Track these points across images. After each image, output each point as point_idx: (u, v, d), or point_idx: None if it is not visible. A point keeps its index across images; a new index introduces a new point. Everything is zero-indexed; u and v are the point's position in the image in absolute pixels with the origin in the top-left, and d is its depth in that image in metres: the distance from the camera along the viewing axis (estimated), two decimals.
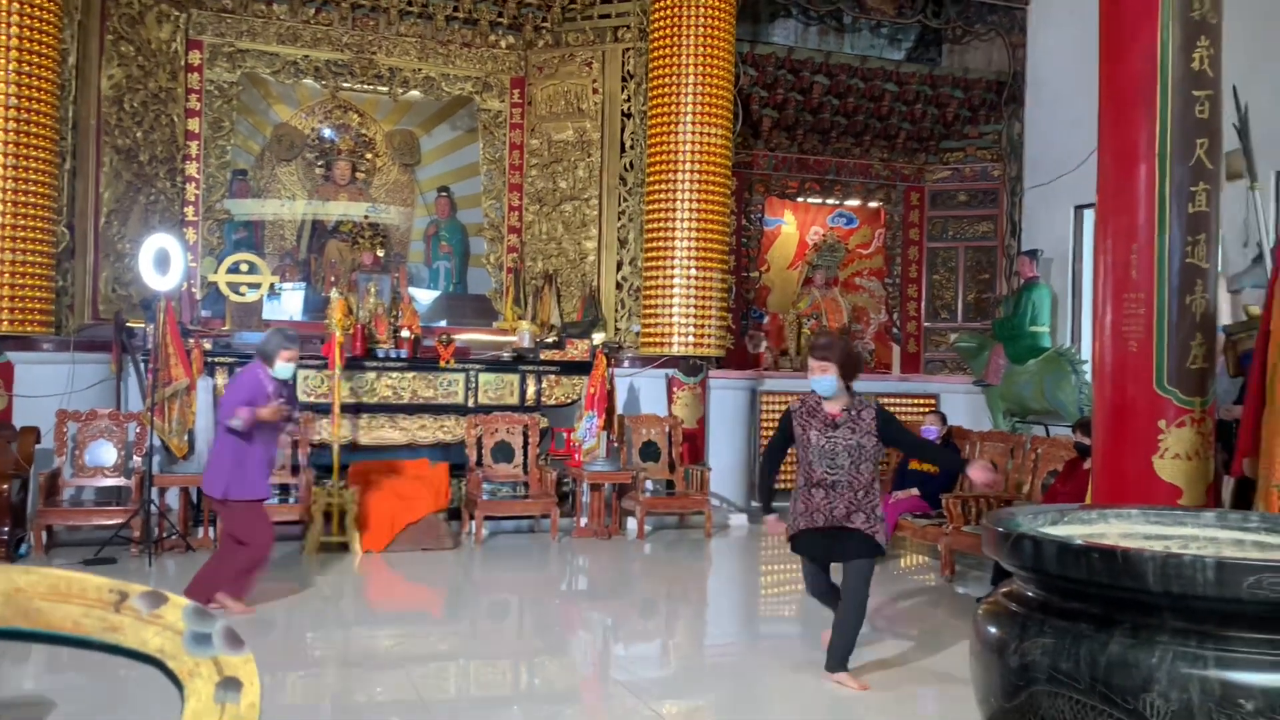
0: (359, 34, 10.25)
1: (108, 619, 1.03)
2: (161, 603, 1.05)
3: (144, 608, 1.04)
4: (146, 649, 1.04)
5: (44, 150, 7.97)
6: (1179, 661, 2.03)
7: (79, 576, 1.05)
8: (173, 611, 1.05)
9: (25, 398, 7.91)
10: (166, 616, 1.05)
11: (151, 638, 1.03)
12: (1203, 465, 4.54)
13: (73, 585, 1.04)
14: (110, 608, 1.03)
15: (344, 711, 4.49)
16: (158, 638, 1.04)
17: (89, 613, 1.03)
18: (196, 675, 1.04)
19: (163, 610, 1.05)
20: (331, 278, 10.26)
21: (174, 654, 1.04)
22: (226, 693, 1.05)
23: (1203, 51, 4.50)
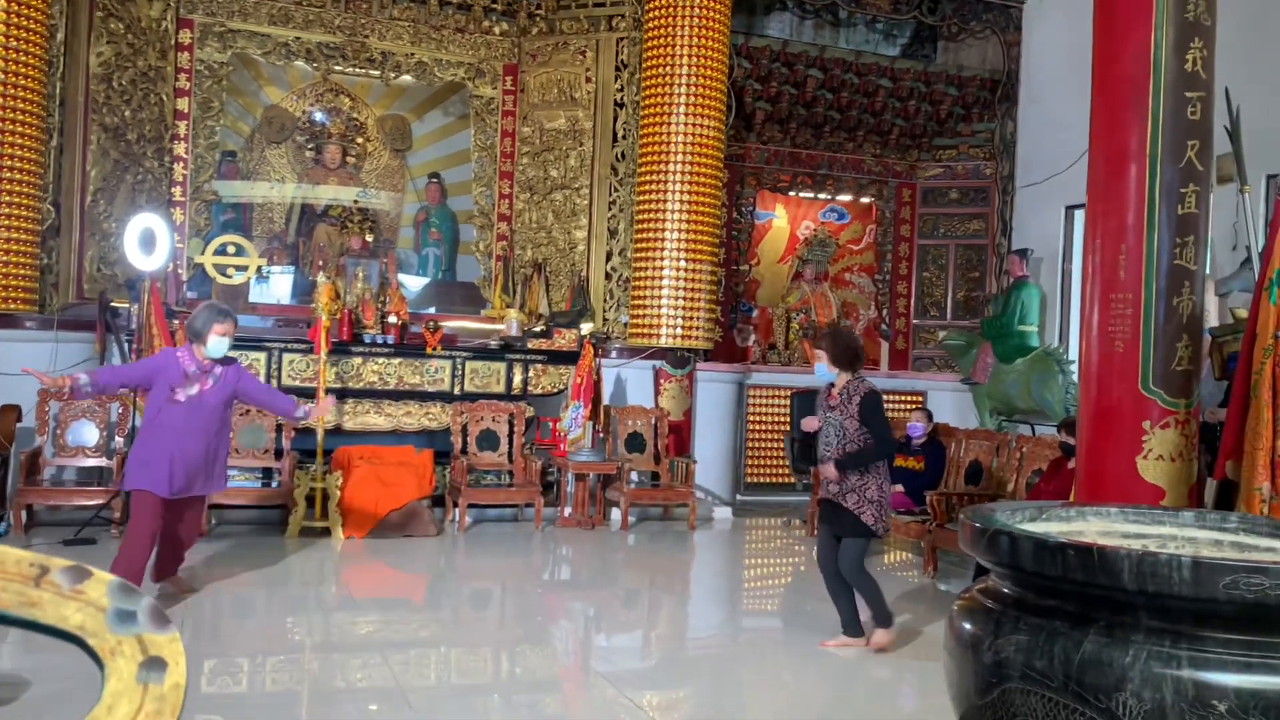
0: (351, 17, 10.19)
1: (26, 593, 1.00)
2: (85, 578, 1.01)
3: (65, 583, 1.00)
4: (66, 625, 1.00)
5: (30, 127, 7.90)
6: (1152, 661, 2.02)
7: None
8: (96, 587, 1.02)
9: (7, 376, 7.84)
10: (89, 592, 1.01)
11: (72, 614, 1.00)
12: (1186, 467, 4.54)
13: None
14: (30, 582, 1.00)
15: (323, 697, 4.47)
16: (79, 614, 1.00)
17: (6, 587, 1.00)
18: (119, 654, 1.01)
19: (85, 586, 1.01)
20: (320, 262, 10.20)
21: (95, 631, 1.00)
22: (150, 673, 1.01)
23: (1196, 53, 4.50)
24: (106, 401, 7.83)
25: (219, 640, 5.36)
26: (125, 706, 1.01)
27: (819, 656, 5.21)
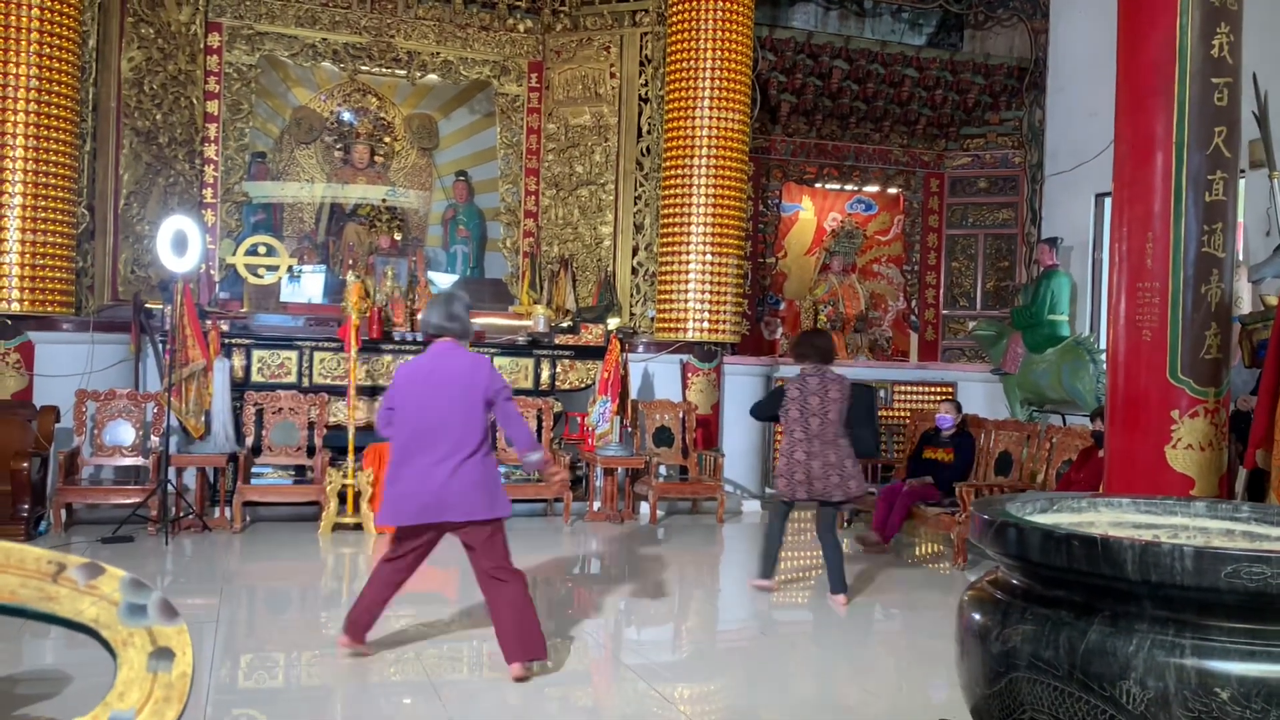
0: (377, 17, 10.26)
1: (45, 589, 1.06)
2: (98, 574, 1.08)
3: (81, 579, 1.06)
4: (82, 619, 1.07)
5: (64, 132, 8.03)
6: (1156, 649, 2.03)
7: (18, 547, 1.08)
8: (109, 583, 1.08)
9: (45, 377, 8.00)
10: (102, 588, 1.07)
11: (87, 608, 1.06)
12: (1215, 456, 4.51)
13: (11, 555, 1.07)
14: (48, 578, 1.06)
15: (357, 692, 4.53)
16: (93, 608, 1.07)
17: (26, 583, 1.06)
18: (130, 645, 1.07)
19: (99, 581, 1.07)
20: (349, 261, 10.31)
21: (109, 624, 1.06)
22: (159, 662, 1.08)
23: (1222, 38, 4.45)
24: (143, 401, 7.95)
25: (254, 636, 5.44)
26: (136, 693, 1.07)
27: (850, 650, 5.22)
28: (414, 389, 4.52)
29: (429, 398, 4.47)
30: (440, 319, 4.62)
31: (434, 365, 4.57)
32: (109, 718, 1.07)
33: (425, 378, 4.54)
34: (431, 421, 4.44)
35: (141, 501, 7.38)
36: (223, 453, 7.91)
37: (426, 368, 4.58)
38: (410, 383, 4.56)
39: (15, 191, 7.75)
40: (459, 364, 4.56)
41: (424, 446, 4.43)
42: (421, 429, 4.45)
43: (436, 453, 4.41)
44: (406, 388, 4.55)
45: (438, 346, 4.64)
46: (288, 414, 8.18)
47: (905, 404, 11.15)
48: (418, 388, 4.52)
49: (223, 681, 4.49)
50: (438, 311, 4.65)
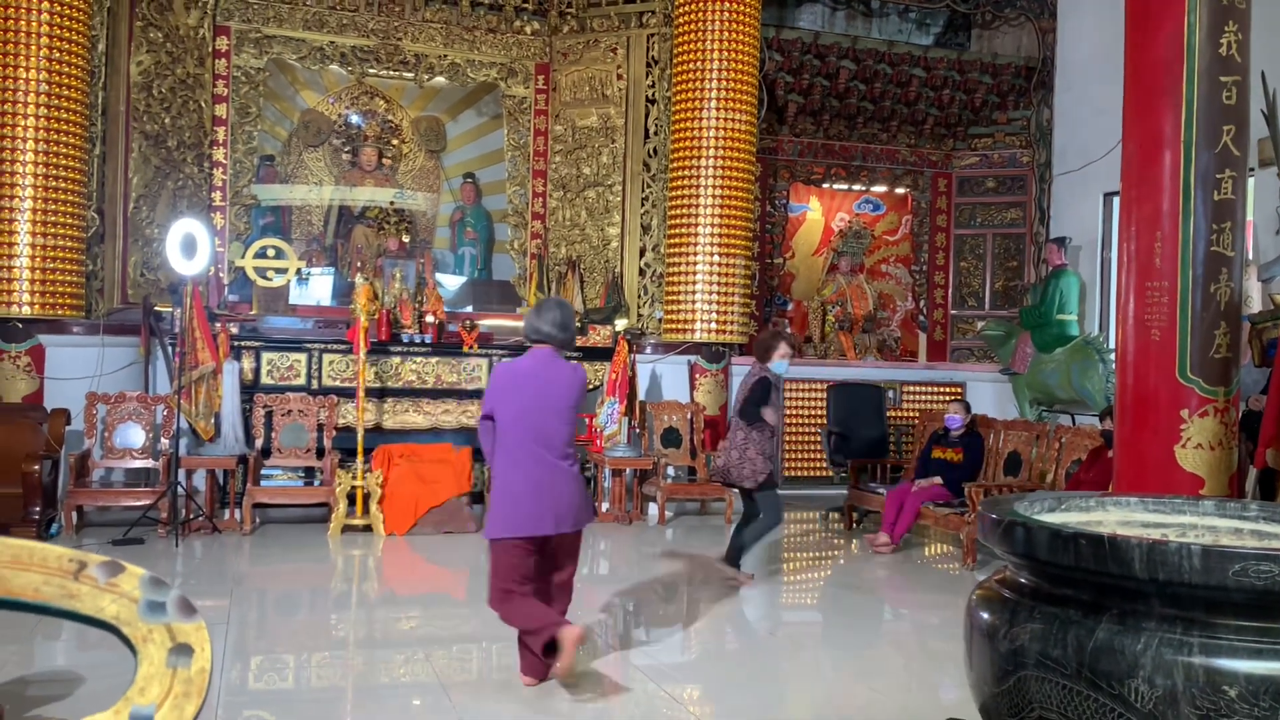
0: (385, 20, 10.29)
1: (67, 586, 1.08)
2: (118, 572, 1.10)
3: (101, 576, 1.09)
4: (102, 615, 1.09)
5: (74, 136, 8.07)
6: (1164, 648, 2.03)
7: (40, 546, 1.10)
8: (129, 580, 1.10)
9: (56, 380, 8.04)
10: (122, 585, 1.09)
11: (108, 605, 1.08)
12: (1226, 455, 4.49)
13: (34, 554, 1.09)
14: (69, 576, 1.08)
15: (366, 693, 4.54)
16: (114, 605, 1.09)
17: (49, 580, 1.08)
18: (149, 641, 1.09)
19: (119, 579, 1.09)
20: (358, 263, 10.33)
21: (129, 620, 1.08)
22: (178, 658, 1.10)
23: (1230, 36, 4.44)
24: (153, 404, 7.98)
25: (265, 637, 5.46)
26: (156, 688, 1.09)
27: (859, 651, 5.21)
28: (518, 395, 4.39)
29: (536, 404, 4.38)
30: (552, 327, 4.50)
31: (538, 371, 4.45)
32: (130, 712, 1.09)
33: (531, 384, 4.41)
34: (539, 429, 4.36)
35: (152, 504, 7.41)
36: (232, 455, 7.93)
37: (530, 373, 4.45)
38: (514, 388, 4.41)
39: (26, 195, 7.79)
40: (563, 373, 4.49)
41: (532, 455, 4.34)
42: (528, 436, 4.35)
43: (546, 461, 4.35)
44: (508, 394, 4.40)
45: (539, 353, 4.52)
46: (297, 416, 8.21)
47: (914, 404, 11.15)
48: (522, 394, 4.39)
49: (233, 683, 4.51)
50: (550, 318, 4.52)
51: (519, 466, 4.34)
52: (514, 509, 4.32)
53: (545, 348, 4.52)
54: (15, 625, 5.01)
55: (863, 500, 8.53)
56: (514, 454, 4.35)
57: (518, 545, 4.35)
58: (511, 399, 4.38)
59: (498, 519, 4.35)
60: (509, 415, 4.37)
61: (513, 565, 4.36)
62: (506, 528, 4.33)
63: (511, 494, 4.33)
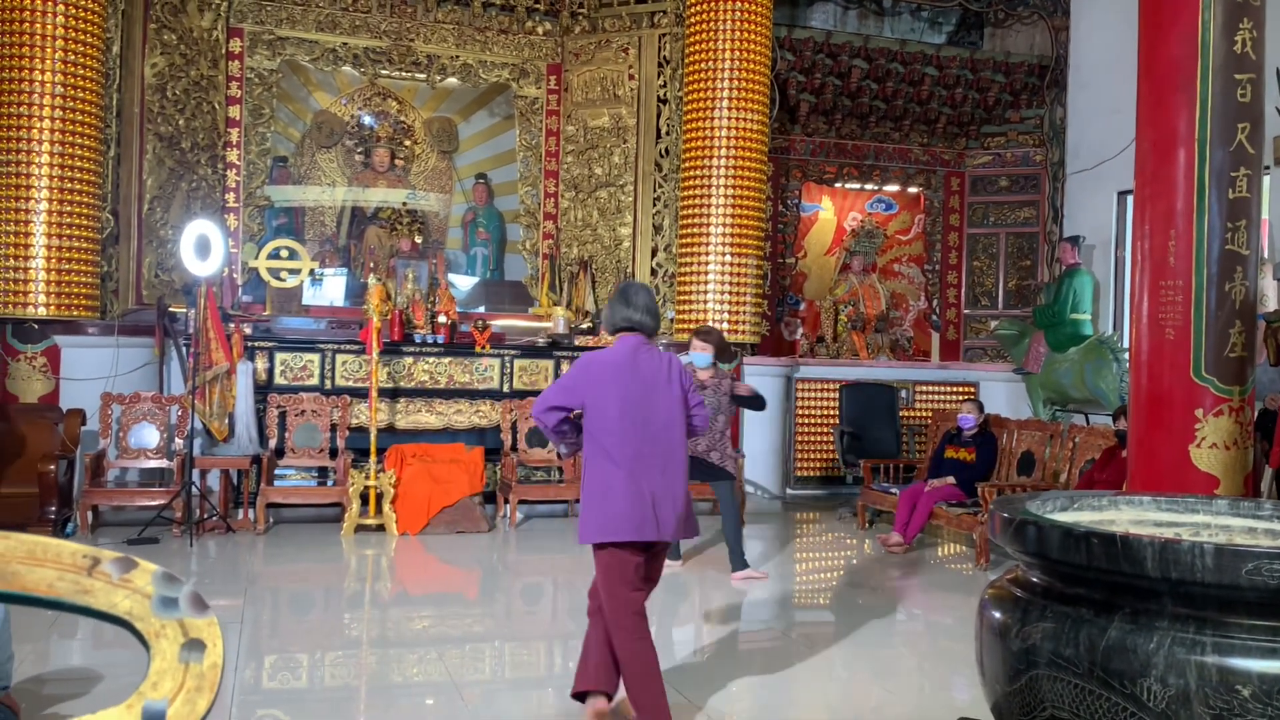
0: (397, 21, 10.32)
1: (80, 582, 1.10)
2: (131, 568, 1.11)
3: (115, 572, 1.10)
4: (116, 611, 1.11)
5: (89, 138, 8.11)
6: (1177, 647, 2.02)
7: (54, 542, 1.12)
8: (142, 576, 1.11)
9: (71, 380, 8.09)
10: (136, 581, 1.11)
11: (121, 600, 1.10)
12: (1241, 455, 4.47)
13: (48, 550, 1.11)
14: (83, 572, 1.10)
15: (379, 692, 4.56)
16: (127, 600, 1.11)
17: (63, 576, 1.10)
18: (162, 636, 1.11)
19: (132, 575, 1.11)
20: (370, 264, 10.37)
21: (142, 616, 1.10)
22: (190, 653, 1.11)
23: (1245, 34, 4.41)
24: (167, 404, 8.02)
25: (278, 636, 5.48)
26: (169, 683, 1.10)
27: (871, 651, 5.20)
28: (615, 388, 3.93)
29: (638, 397, 3.94)
30: (645, 313, 4.09)
31: (636, 362, 3.99)
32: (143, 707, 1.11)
33: (629, 375, 3.96)
34: (642, 425, 3.93)
35: (166, 503, 7.44)
36: (246, 455, 7.97)
37: (627, 364, 3.97)
38: (611, 382, 3.94)
39: (41, 197, 7.84)
40: (659, 362, 4.06)
41: (637, 454, 3.91)
42: (631, 433, 3.91)
43: (652, 461, 3.93)
44: (604, 388, 3.94)
45: (632, 341, 4.05)
46: (310, 416, 8.24)
47: (927, 404, 11.12)
48: (621, 387, 3.93)
49: (247, 682, 4.53)
50: (642, 304, 4.11)
51: (620, 465, 3.89)
52: (614, 511, 3.87)
53: (635, 335, 4.08)
54: (31, 624, 5.05)
55: (875, 500, 8.51)
56: (612, 452, 3.90)
57: (624, 551, 3.91)
58: (609, 393, 3.93)
59: (593, 522, 3.91)
60: (609, 411, 3.91)
61: (624, 573, 3.91)
62: (602, 531, 3.89)
63: (612, 495, 3.89)
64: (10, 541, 1.12)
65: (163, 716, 1.12)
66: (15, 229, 7.82)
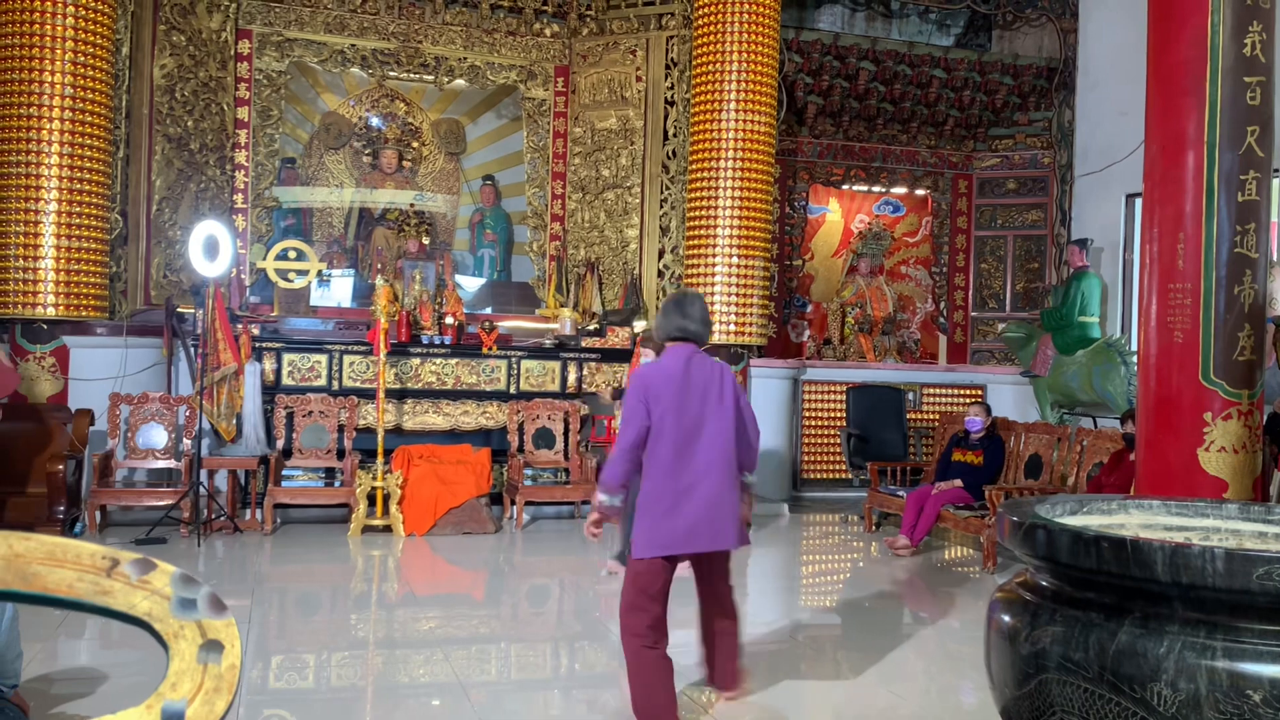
0: (405, 23, 10.34)
1: (100, 583, 1.11)
2: (150, 569, 1.12)
3: (134, 574, 1.11)
4: (135, 612, 1.12)
5: (98, 139, 8.13)
6: (1187, 651, 2.02)
7: (74, 543, 1.12)
8: (160, 578, 1.12)
9: (80, 381, 8.11)
10: (154, 582, 1.12)
11: (140, 601, 1.11)
12: (1249, 459, 4.46)
13: (68, 551, 1.12)
14: (102, 573, 1.11)
15: (386, 693, 4.56)
16: (146, 602, 1.11)
17: (82, 577, 1.11)
18: (181, 637, 1.12)
19: (151, 576, 1.12)
20: (378, 265, 10.38)
21: (160, 617, 1.11)
22: (209, 654, 1.12)
23: (1255, 36, 4.41)
24: (175, 405, 8.04)
25: (285, 637, 5.49)
26: (187, 684, 1.11)
27: (878, 654, 5.20)
28: (671, 400, 3.94)
29: (690, 408, 3.95)
30: (700, 323, 4.11)
31: (688, 372, 4.00)
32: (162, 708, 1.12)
33: (683, 386, 3.97)
34: (698, 435, 3.95)
35: (174, 503, 7.46)
36: (253, 455, 7.99)
37: (680, 375, 3.98)
38: (666, 395, 3.94)
39: (51, 198, 7.86)
40: (712, 372, 4.07)
41: (691, 464, 3.92)
42: (686, 443, 3.92)
43: (704, 471, 3.93)
44: (660, 402, 3.93)
45: (684, 351, 4.06)
46: (318, 417, 8.25)
47: (934, 407, 11.10)
48: (676, 399, 3.94)
49: (254, 682, 4.54)
50: (697, 314, 4.13)
51: (675, 475, 3.90)
52: (670, 525, 3.89)
53: (688, 345, 4.08)
54: (39, 624, 5.06)
55: (882, 503, 8.50)
56: (668, 461, 3.90)
57: (661, 562, 3.93)
58: (666, 406, 3.93)
59: (649, 536, 3.90)
60: (665, 423, 3.92)
61: (653, 584, 3.94)
62: (663, 546, 3.89)
63: (669, 509, 3.89)
64: (31, 543, 1.13)
65: (181, 717, 1.13)
66: (25, 229, 7.85)
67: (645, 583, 3.92)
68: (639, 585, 3.93)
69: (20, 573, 1.10)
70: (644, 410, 3.93)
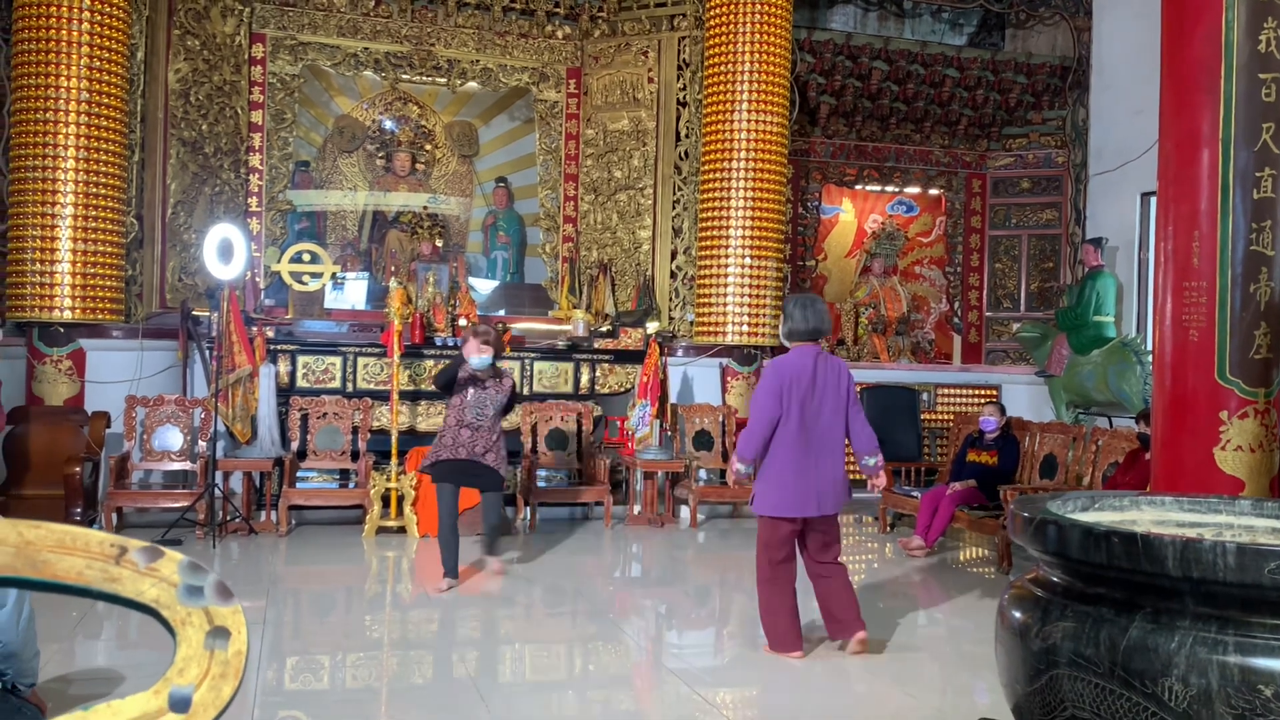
0: (418, 26, 10.37)
1: (109, 571, 1.13)
2: (158, 557, 1.14)
3: (142, 561, 1.13)
4: (143, 599, 1.13)
5: (114, 143, 8.19)
6: (1198, 646, 2.01)
7: (83, 531, 1.14)
8: (168, 565, 1.14)
9: (96, 383, 8.17)
10: (162, 570, 1.13)
11: (148, 589, 1.13)
12: (1266, 458, 4.43)
13: (77, 539, 1.14)
14: (111, 560, 1.13)
15: (400, 693, 4.57)
16: (154, 589, 1.13)
17: (91, 565, 1.12)
18: (188, 624, 1.13)
19: (159, 564, 1.13)
20: (392, 267, 10.42)
21: (168, 604, 1.13)
22: (215, 640, 1.14)
23: (1270, 33, 4.38)
24: (190, 407, 8.08)
25: (300, 638, 5.51)
26: (195, 669, 1.12)
27: (893, 655, 5.18)
28: (800, 391, 4.82)
29: (816, 398, 4.84)
30: (821, 323, 4.95)
31: (816, 368, 4.86)
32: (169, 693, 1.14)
33: (810, 380, 4.83)
34: (818, 421, 4.85)
35: (190, 505, 7.50)
36: (268, 457, 8.02)
37: (810, 370, 4.84)
38: (796, 386, 4.82)
39: (67, 203, 7.92)
40: (834, 368, 4.95)
41: (811, 443, 4.83)
42: (809, 427, 4.83)
43: (823, 450, 4.86)
44: (791, 392, 4.81)
45: (810, 349, 4.93)
46: (332, 419, 8.28)
47: (948, 407, 11.07)
48: (805, 390, 4.82)
49: (270, 683, 4.56)
50: (821, 316, 4.96)
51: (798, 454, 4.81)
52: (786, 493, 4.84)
53: (813, 344, 4.94)
54: (57, 624, 5.10)
55: (897, 503, 8.48)
56: (793, 443, 4.80)
57: (782, 521, 4.88)
58: (795, 396, 4.81)
59: (769, 499, 4.87)
60: (792, 410, 4.81)
61: (775, 536, 4.91)
62: (776, 508, 4.86)
63: (786, 480, 4.82)
64: (41, 530, 1.14)
65: (189, 702, 1.14)
66: (42, 234, 7.90)
67: (768, 534, 4.92)
68: (764, 536, 4.94)
69: (30, 560, 1.12)
70: (778, 400, 4.80)
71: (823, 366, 4.89)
